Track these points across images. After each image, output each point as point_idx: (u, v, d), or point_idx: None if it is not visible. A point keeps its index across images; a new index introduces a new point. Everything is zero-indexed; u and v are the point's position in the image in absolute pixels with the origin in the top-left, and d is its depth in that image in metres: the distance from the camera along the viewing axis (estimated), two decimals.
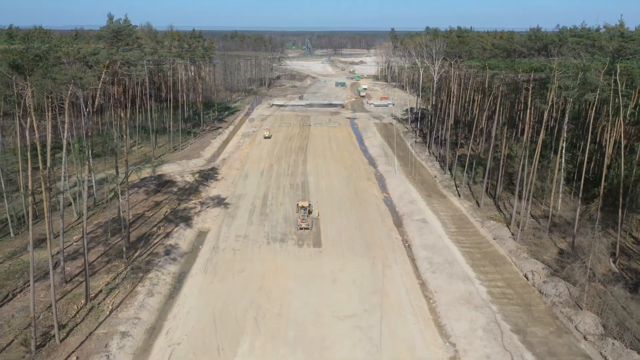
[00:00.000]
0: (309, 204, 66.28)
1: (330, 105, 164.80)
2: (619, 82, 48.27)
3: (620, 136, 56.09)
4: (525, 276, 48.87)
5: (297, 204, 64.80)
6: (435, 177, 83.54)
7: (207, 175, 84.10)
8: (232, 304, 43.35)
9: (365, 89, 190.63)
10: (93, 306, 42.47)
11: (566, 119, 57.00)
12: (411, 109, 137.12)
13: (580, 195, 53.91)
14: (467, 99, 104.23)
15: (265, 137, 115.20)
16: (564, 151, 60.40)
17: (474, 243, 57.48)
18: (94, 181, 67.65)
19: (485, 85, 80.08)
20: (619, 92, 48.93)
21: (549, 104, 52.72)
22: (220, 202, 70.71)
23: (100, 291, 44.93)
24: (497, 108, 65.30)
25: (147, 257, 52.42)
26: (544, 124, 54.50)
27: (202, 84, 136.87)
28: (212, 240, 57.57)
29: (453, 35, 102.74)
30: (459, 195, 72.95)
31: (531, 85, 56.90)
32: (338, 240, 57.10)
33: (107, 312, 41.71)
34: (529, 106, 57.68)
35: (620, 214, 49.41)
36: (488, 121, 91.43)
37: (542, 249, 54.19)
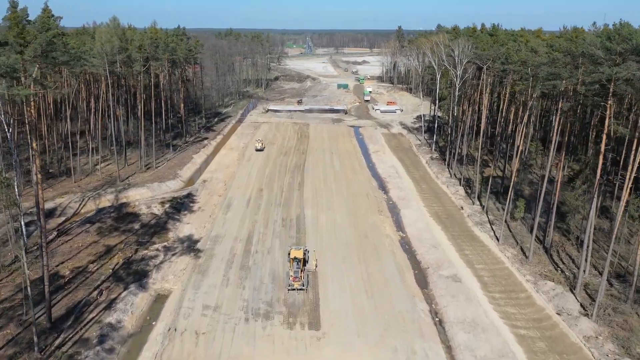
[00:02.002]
0: (305, 252, 50.74)
1: (332, 110, 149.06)
2: None
3: None
4: None
5: (289, 253, 49.34)
6: (462, 208, 67.72)
7: (181, 204, 68.35)
8: None
9: (370, 92, 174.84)
10: None
11: None
12: (422, 116, 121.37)
13: None
14: (495, 110, 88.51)
15: (258, 150, 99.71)
16: None
17: (530, 320, 41.72)
18: (22, 222, 51.63)
19: (527, 96, 64.30)
20: None
21: None
22: (190, 246, 54.99)
23: None
24: (557, 126, 49.27)
25: (71, 348, 36.73)
26: (634, 154, 38.68)
27: (186, 87, 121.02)
28: (170, 313, 41.89)
29: (479, 33, 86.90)
30: (497, 239, 57.16)
31: (610, 102, 41.14)
32: (343, 316, 41.39)
33: None
34: (605, 130, 41.84)
35: None
36: (523, 138, 75.78)
37: (632, 334, 38.45)
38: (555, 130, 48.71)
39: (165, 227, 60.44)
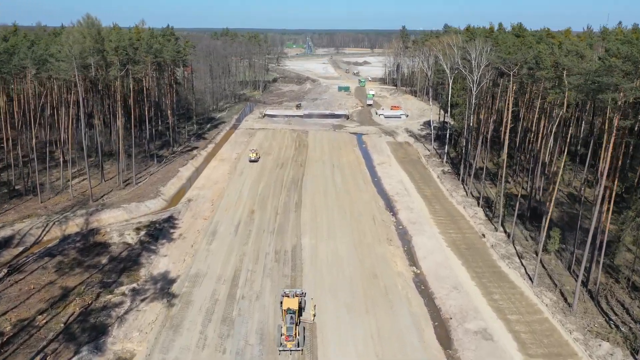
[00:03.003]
0: (300, 298, 42.38)
1: (333, 116, 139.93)
2: None
3: None
4: None
5: (281, 302, 40.69)
6: (484, 236, 58.70)
7: (160, 230, 59.35)
8: None
9: (373, 95, 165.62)
10: None
11: None
12: (432, 122, 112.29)
13: None
14: (512, 119, 79.23)
15: (251, 161, 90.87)
16: None
17: None
18: None
19: (558, 106, 55.24)
20: None
21: None
22: (164, 288, 45.95)
23: None
24: (611, 147, 40.00)
25: None
26: None
27: (176, 91, 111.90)
28: None
29: (498, 34, 77.71)
30: (530, 278, 48.07)
31: None
32: None
33: None
34: None
35: None
36: (549, 152, 66.85)
37: None
38: (608, 152, 39.58)
39: (138, 262, 51.36)
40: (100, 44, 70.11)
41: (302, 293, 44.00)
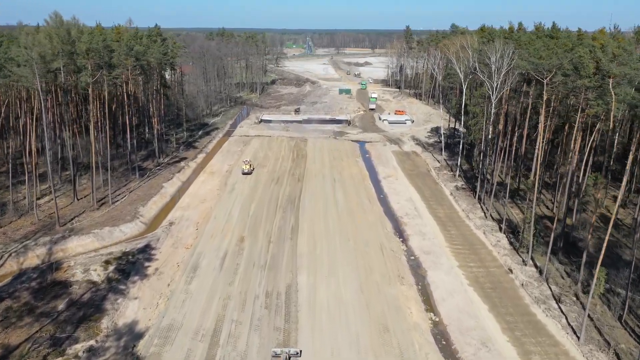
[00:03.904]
0: None
1: (334, 121, 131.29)
2: None
3: None
4: None
5: None
6: (511, 271, 50.20)
7: (133, 264, 50.85)
8: None
9: (375, 98, 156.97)
10: None
11: None
12: (442, 130, 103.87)
13: None
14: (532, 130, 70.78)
15: (244, 173, 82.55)
16: None
17: None
18: None
19: (599, 117, 46.84)
20: None
21: None
22: (128, 347, 37.46)
23: None
24: None
25: None
26: None
27: (165, 95, 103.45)
28: None
29: (525, 35, 69.07)
30: (575, 332, 39.58)
31: None
32: None
33: None
34: None
35: None
36: (581, 169, 58.49)
37: None
38: None
39: (101, 308, 42.87)
40: (71, 46, 61.71)
41: (297, 353, 35.74)
